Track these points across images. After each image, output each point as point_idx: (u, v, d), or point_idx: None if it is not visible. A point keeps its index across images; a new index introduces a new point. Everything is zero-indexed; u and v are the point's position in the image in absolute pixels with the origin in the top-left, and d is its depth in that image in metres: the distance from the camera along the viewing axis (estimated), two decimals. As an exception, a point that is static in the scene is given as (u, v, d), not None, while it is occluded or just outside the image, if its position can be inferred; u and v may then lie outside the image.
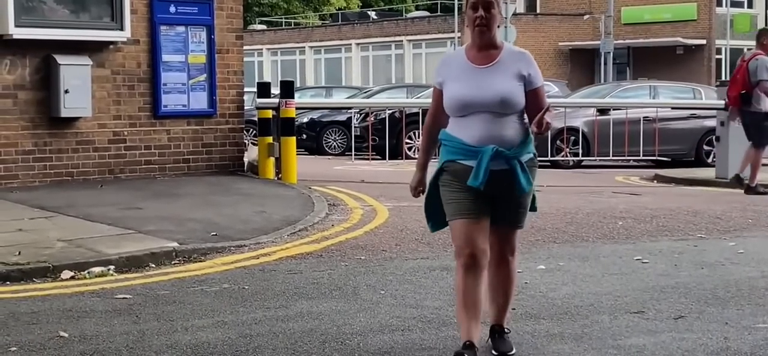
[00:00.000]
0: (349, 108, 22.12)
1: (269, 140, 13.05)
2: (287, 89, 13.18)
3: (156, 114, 12.42)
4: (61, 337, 5.49)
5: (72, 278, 7.12)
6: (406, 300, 6.42)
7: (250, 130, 19.10)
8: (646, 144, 17.68)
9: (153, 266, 7.62)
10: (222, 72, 12.93)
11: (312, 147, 23.47)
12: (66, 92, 11.40)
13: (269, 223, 9.32)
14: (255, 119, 14.34)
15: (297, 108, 13.69)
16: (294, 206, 10.46)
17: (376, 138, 19.40)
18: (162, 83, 12.42)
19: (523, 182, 4.85)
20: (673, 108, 18.68)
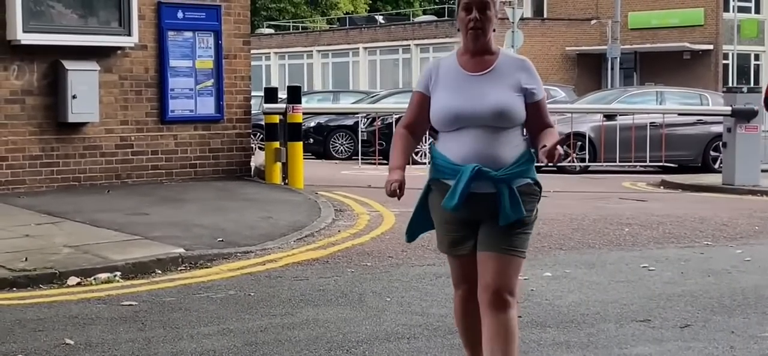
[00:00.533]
0: (357, 113, 22.12)
1: (276, 145, 13.07)
2: (294, 95, 13.21)
3: (163, 119, 12.45)
4: (67, 344, 5.50)
5: (78, 284, 7.13)
6: (412, 307, 6.42)
7: (257, 134, 19.11)
8: (652, 150, 17.66)
9: (159, 272, 7.62)
10: (229, 77, 12.96)
11: (319, 152, 23.47)
12: (73, 97, 11.44)
13: (276, 229, 9.33)
14: (262, 124, 14.37)
15: (304, 113, 13.70)
16: (300, 211, 10.46)
17: (383, 143, 19.38)
18: (169, 89, 12.45)
19: (508, 210, 4.07)
20: (680, 114, 18.68)
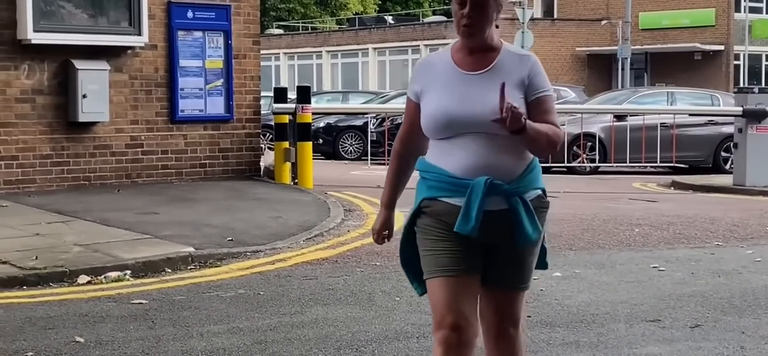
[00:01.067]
0: (366, 113, 22.11)
1: (285, 144, 13.07)
2: (304, 95, 13.21)
3: (173, 119, 12.46)
4: (77, 342, 5.51)
5: (88, 283, 7.15)
6: (421, 306, 6.41)
7: (266, 134, 19.13)
8: (663, 150, 17.62)
9: (169, 271, 7.64)
10: (239, 77, 12.97)
11: (328, 152, 23.48)
12: (84, 96, 11.46)
13: (285, 228, 9.34)
14: (271, 124, 14.38)
15: (313, 113, 13.71)
16: (310, 211, 10.47)
17: (392, 143, 19.35)
18: (179, 88, 12.47)
19: (528, 228, 3.54)
20: (691, 114, 18.63)
